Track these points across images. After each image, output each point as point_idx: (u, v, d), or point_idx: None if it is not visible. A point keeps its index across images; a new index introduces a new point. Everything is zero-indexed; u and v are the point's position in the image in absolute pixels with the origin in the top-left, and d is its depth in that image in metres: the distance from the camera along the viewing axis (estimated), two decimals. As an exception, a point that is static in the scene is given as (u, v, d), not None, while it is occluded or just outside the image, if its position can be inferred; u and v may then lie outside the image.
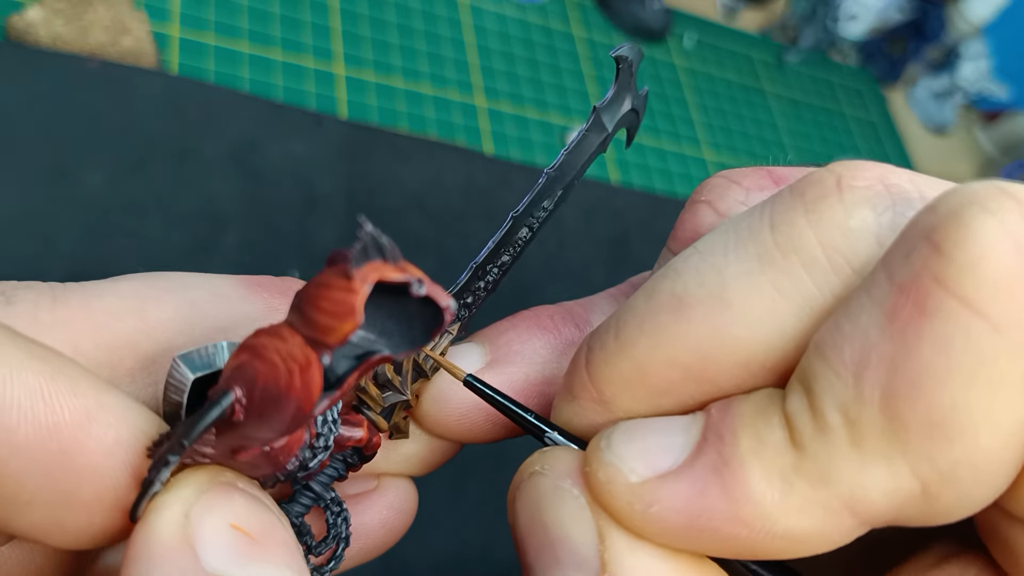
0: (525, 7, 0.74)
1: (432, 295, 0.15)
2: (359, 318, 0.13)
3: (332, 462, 0.22)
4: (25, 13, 0.50)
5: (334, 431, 0.20)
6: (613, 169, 0.69)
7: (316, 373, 0.14)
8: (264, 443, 0.16)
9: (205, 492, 0.16)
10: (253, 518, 0.16)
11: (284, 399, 0.14)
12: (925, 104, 0.96)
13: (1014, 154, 0.98)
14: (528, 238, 0.23)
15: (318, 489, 0.22)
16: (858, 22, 0.86)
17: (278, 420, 0.15)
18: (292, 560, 0.17)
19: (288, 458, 0.17)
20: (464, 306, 0.23)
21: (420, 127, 0.62)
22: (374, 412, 0.22)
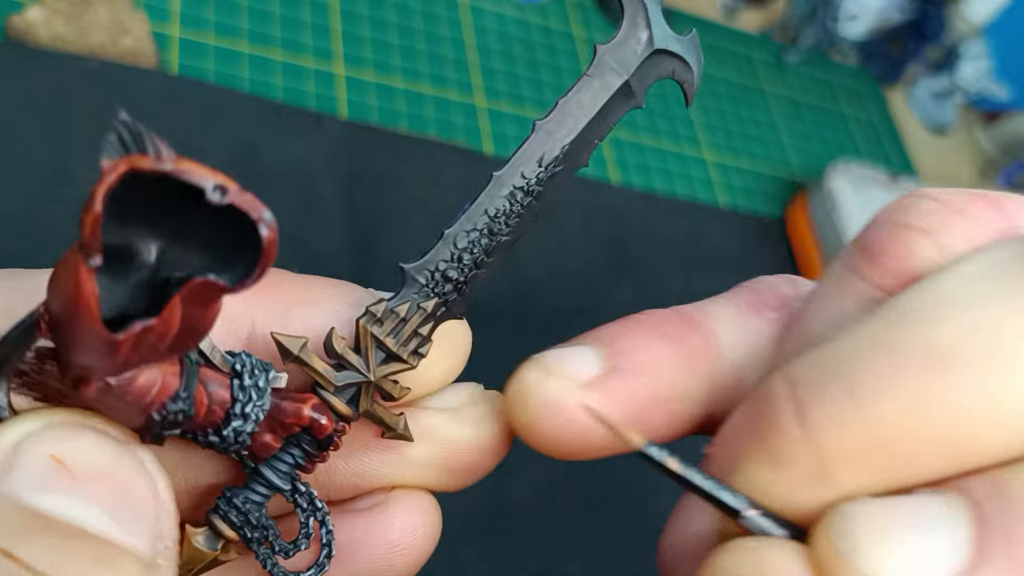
0: (525, 7, 0.74)
1: (237, 203, 0.14)
2: (97, 206, 0.13)
3: (287, 447, 0.20)
4: (25, 13, 0.50)
5: (256, 399, 0.18)
6: (613, 169, 0.69)
7: (85, 277, 0.13)
8: (90, 371, 0.15)
9: (52, 426, 0.16)
10: (88, 458, 0.16)
11: (69, 309, 0.14)
12: (925, 104, 0.96)
13: (1014, 154, 0.98)
14: (527, 205, 0.21)
15: (270, 476, 0.20)
16: (858, 22, 0.86)
17: (75, 336, 0.14)
18: (117, 509, 0.15)
19: (146, 401, 0.16)
20: (445, 279, 0.21)
21: (420, 127, 0.62)
22: (327, 392, 0.20)
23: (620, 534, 0.53)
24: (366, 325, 0.20)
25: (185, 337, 0.15)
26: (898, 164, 0.90)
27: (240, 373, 0.18)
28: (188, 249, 0.15)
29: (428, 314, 0.21)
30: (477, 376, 0.57)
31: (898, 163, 0.90)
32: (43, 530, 0.15)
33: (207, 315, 0.15)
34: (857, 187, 0.74)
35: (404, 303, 0.20)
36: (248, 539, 0.20)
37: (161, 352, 0.15)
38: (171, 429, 0.17)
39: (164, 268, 0.15)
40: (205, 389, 0.17)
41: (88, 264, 0.13)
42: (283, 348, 0.19)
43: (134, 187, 0.13)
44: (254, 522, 0.20)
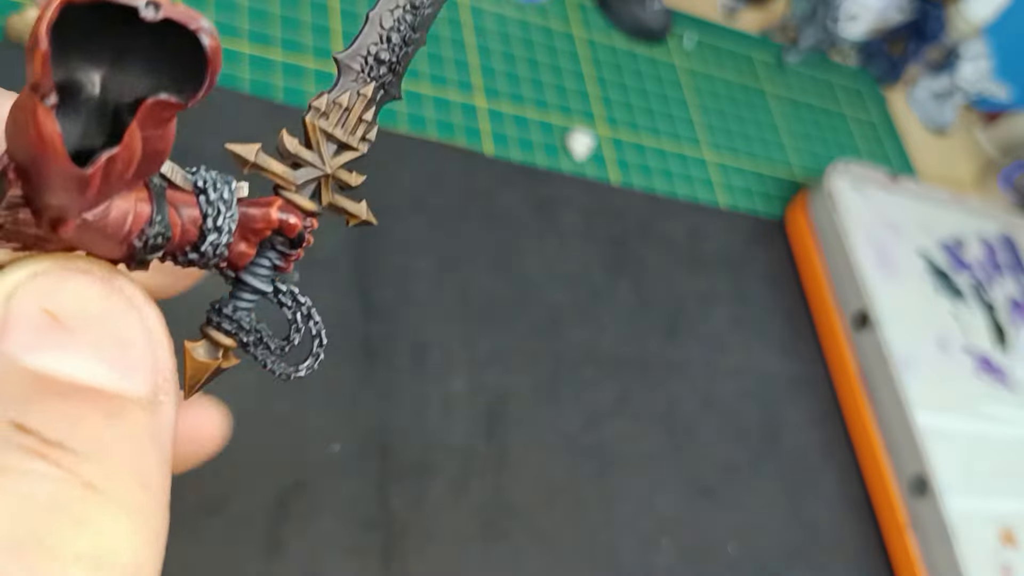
0: (525, 7, 0.74)
1: (173, 16, 0.14)
2: (43, 43, 0.13)
3: (262, 252, 0.21)
4: (25, 13, 0.50)
5: (225, 211, 0.19)
6: (613, 169, 0.69)
7: (44, 116, 0.13)
8: (65, 210, 0.15)
9: (39, 275, 0.16)
10: (80, 305, 0.16)
11: (34, 153, 0.14)
12: (925, 104, 0.96)
13: (1014, 154, 0.98)
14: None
15: (253, 282, 0.21)
16: (858, 22, 0.86)
17: (45, 178, 0.14)
18: (115, 356, 0.15)
19: (125, 231, 0.16)
20: (379, 62, 0.21)
21: (420, 127, 0.62)
22: (289, 192, 0.21)
23: (620, 534, 0.53)
24: (312, 120, 0.21)
25: (148, 161, 0.15)
26: (898, 164, 0.90)
27: (204, 189, 0.19)
28: (133, 75, 0.15)
29: (369, 99, 0.21)
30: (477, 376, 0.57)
31: (898, 163, 0.90)
32: (48, 394, 0.15)
33: (165, 136, 0.15)
34: (857, 187, 0.74)
35: (344, 92, 0.21)
36: (244, 343, 0.21)
37: (128, 179, 0.15)
38: (154, 253, 0.17)
39: (112, 98, 0.15)
40: (176, 210, 0.18)
41: (45, 104, 0.13)
42: (239, 157, 0.20)
43: (71, 22, 0.13)
44: (247, 327, 0.21)
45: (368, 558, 0.45)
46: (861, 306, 0.68)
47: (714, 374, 0.63)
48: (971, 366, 0.71)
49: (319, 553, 0.44)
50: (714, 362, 0.64)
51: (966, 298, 0.75)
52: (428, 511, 0.47)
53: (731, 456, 0.60)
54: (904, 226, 0.76)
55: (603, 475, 0.54)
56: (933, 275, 0.74)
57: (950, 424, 0.66)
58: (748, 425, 0.62)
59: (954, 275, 0.76)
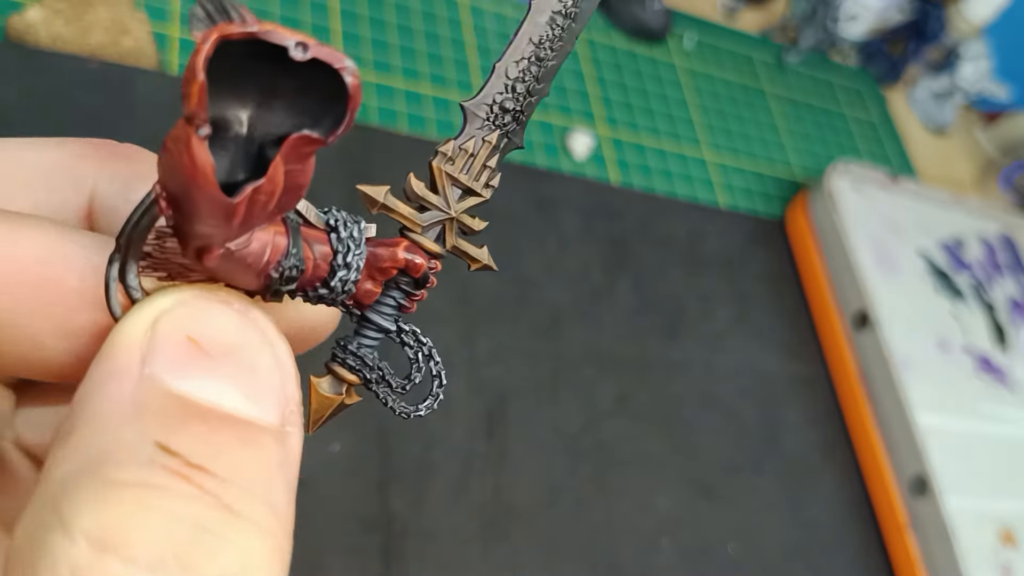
0: (525, 7, 0.74)
1: (320, 56, 0.15)
2: (200, 75, 0.13)
3: (387, 291, 0.21)
4: (25, 13, 0.50)
5: (354, 249, 0.19)
6: (613, 169, 0.69)
7: (198, 147, 0.14)
8: (210, 239, 0.16)
9: (184, 304, 0.16)
10: (220, 335, 0.16)
11: (186, 181, 0.14)
12: (925, 104, 0.96)
13: (1014, 154, 0.98)
14: (566, 27, 0.22)
15: (377, 319, 0.22)
16: (858, 22, 0.86)
17: (195, 206, 0.15)
18: (250, 386, 0.16)
19: (263, 262, 0.17)
20: (503, 111, 0.22)
21: (420, 127, 0.62)
22: (416, 233, 0.21)
23: (620, 534, 0.53)
24: (439, 165, 0.22)
25: (288, 195, 0.16)
26: (898, 164, 0.90)
27: (336, 227, 0.20)
28: (277, 113, 0.16)
29: (493, 146, 0.22)
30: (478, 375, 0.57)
31: (898, 163, 0.90)
32: (190, 418, 0.15)
33: (305, 171, 0.16)
34: (857, 187, 0.74)
35: (470, 139, 0.22)
36: (367, 380, 0.22)
37: (269, 212, 0.16)
38: (288, 285, 0.18)
39: (257, 135, 0.16)
40: (309, 246, 0.19)
41: (199, 134, 0.14)
42: (368, 197, 0.21)
43: (222, 60, 0.14)
44: (370, 364, 0.22)
45: (368, 558, 0.45)
46: (861, 306, 0.68)
47: (714, 374, 0.63)
48: (971, 366, 0.71)
49: (319, 553, 0.44)
50: (714, 362, 0.64)
51: (966, 298, 0.75)
52: (428, 511, 0.47)
53: (731, 456, 0.60)
54: (904, 226, 0.76)
55: (603, 475, 0.54)
56: (933, 275, 0.74)
57: (950, 424, 0.66)
58: (748, 425, 0.62)
59: (954, 275, 0.76)
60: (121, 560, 0.14)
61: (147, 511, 0.14)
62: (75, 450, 0.15)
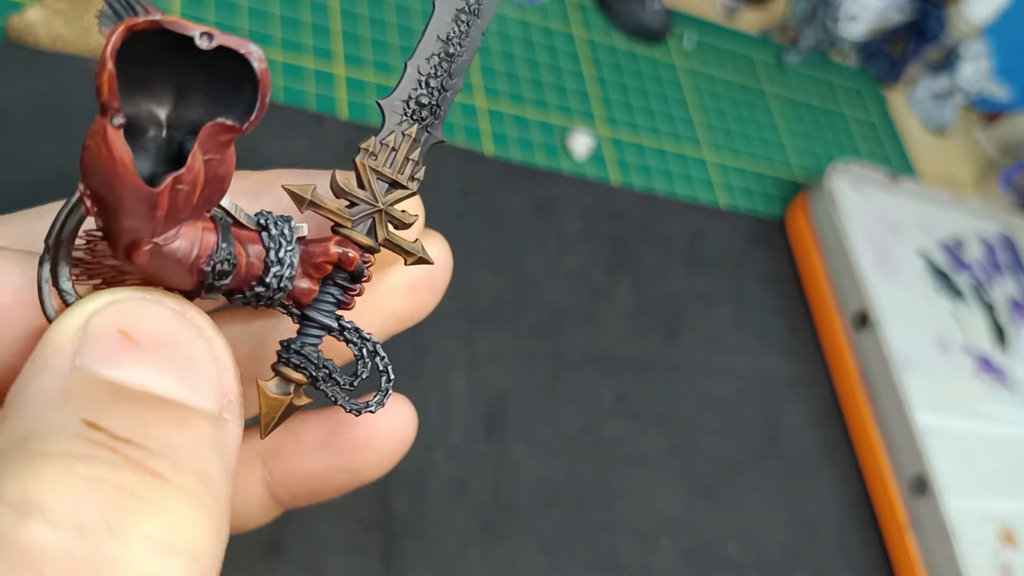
0: (525, 7, 0.74)
1: (225, 44, 0.15)
2: (109, 64, 0.14)
3: (325, 288, 0.22)
4: (25, 13, 0.50)
5: (286, 245, 0.20)
6: (613, 169, 0.69)
7: (113, 136, 0.14)
8: (137, 233, 0.16)
9: (116, 302, 0.17)
10: (153, 329, 0.17)
11: (106, 173, 0.15)
12: (925, 104, 0.96)
13: (1014, 155, 0.98)
14: (472, 24, 0.23)
15: (318, 317, 0.22)
16: (858, 23, 0.86)
17: (117, 199, 0.15)
18: (184, 373, 0.16)
19: (193, 256, 0.17)
20: (420, 106, 0.23)
21: (420, 127, 0.62)
22: (346, 228, 0.22)
23: (620, 534, 0.53)
24: (363, 160, 0.22)
25: (211, 186, 0.16)
26: (898, 164, 0.90)
27: (266, 225, 0.20)
28: (194, 108, 0.16)
29: (413, 139, 0.23)
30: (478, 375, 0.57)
31: (898, 163, 0.90)
32: (121, 400, 0.15)
33: (225, 161, 0.16)
34: (857, 187, 0.74)
35: (390, 134, 0.23)
36: (314, 378, 0.22)
37: (194, 204, 0.16)
38: (222, 280, 0.18)
39: (176, 133, 0.16)
40: (241, 245, 0.19)
41: (113, 123, 0.14)
42: (295, 196, 0.21)
43: (134, 61, 0.14)
44: (315, 362, 0.22)
45: (368, 558, 0.45)
46: (861, 306, 0.68)
47: (714, 374, 0.63)
48: (971, 366, 0.71)
49: (319, 553, 0.44)
50: (714, 362, 0.64)
51: (966, 298, 0.75)
52: (428, 511, 0.47)
53: (731, 456, 0.60)
54: (904, 226, 0.76)
55: (603, 475, 0.54)
56: (933, 275, 0.74)
57: (950, 424, 0.66)
58: (748, 425, 0.62)
59: (954, 275, 0.76)
60: (44, 522, 0.13)
61: (71, 477, 0.14)
62: (1, 434, 0.15)
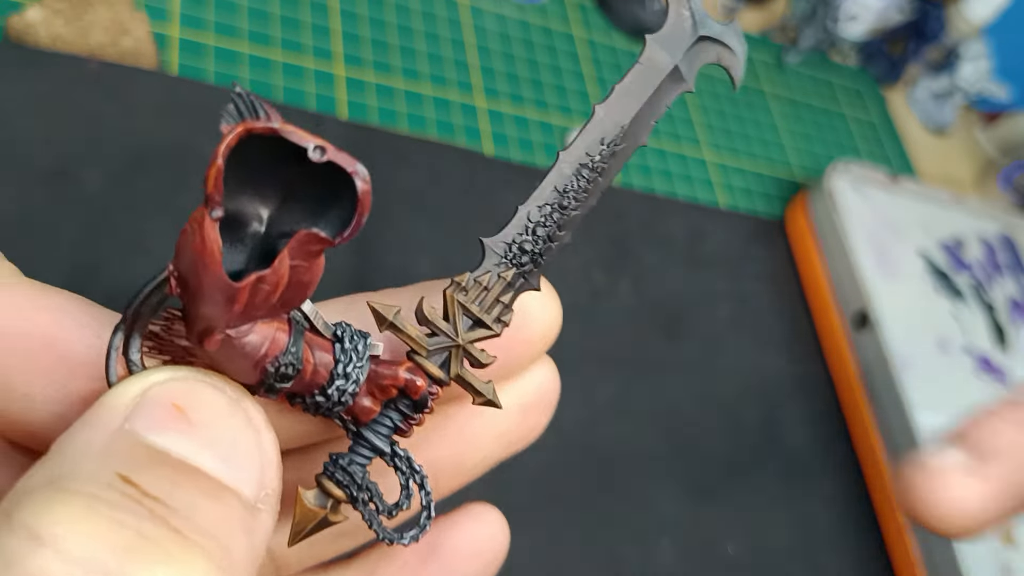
0: (525, 7, 0.74)
1: (335, 160, 0.15)
2: (220, 160, 0.14)
3: (385, 411, 0.21)
4: (25, 13, 0.50)
5: (356, 360, 0.20)
6: (613, 169, 0.69)
7: (209, 227, 0.15)
8: (213, 322, 0.16)
9: (177, 379, 0.17)
10: (205, 408, 0.17)
11: (195, 259, 0.15)
12: (925, 105, 0.96)
13: (1014, 155, 0.98)
14: (592, 180, 0.23)
15: (372, 439, 0.21)
16: (858, 23, 0.86)
17: (201, 285, 0.15)
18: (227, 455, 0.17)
19: (261, 354, 0.18)
20: (522, 251, 0.23)
21: (420, 128, 0.62)
22: (420, 356, 0.21)
23: (620, 532, 0.53)
24: (452, 294, 0.22)
25: (293, 291, 0.16)
26: (898, 164, 0.90)
27: (341, 337, 0.20)
28: (295, 214, 0.16)
29: (507, 283, 0.22)
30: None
31: (898, 163, 0.90)
32: (159, 464, 0.16)
33: (312, 269, 0.16)
34: (857, 187, 0.74)
35: (485, 273, 0.22)
36: (355, 499, 0.22)
37: (273, 305, 0.17)
38: (283, 382, 0.18)
39: (275, 234, 0.17)
40: (311, 351, 0.19)
41: (211, 215, 0.14)
42: (378, 315, 0.21)
43: (247, 157, 0.15)
44: (359, 483, 0.21)
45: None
46: (861, 306, 0.68)
47: (714, 374, 0.63)
48: (971, 366, 0.71)
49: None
50: (714, 362, 0.64)
51: (966, 298, 0.75)
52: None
53: (731, 456, 0.60)
54: (904, 226, 0.76)
55: (603, 475, 0.54)
56: (933, 275, 0.74)
57: (950, 424, 0.65)
58: (748, 425, 0.62)
59: (954, 275, 0.76)
60: (54, 552, 0.14)
61: (92, 514, 0.14)
62: (38, 471, 0.15)
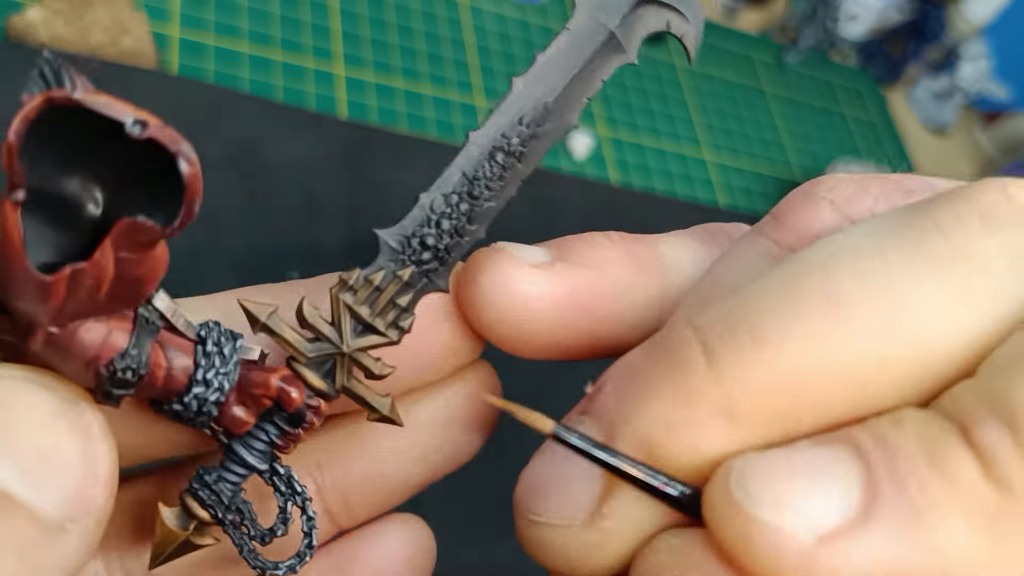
0: (525, 7, 0.74)
1: (157, 136, 0.13)
2: (12, 136, 0.12)
3: (262, 423, 0.19)
4: (25, 13, 0.50)
5: (219, 367, 0.17)
6: (613, 169, 0.69)
7: (9, 212, 0.13)
8: (33, 318, 0.15)
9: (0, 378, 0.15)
10: (19, 413, 0.15)
11: (1, 252, 0.13)
12: (925, 104, 0.96)
13: (1014, 154, 0.98)
14: (509, 166, 0.20)
15: (244, 454, 0.19)
16: (858, 22, 0.86)
17: (10, 279, 0.14)
18: (31, 467, 0.15)
19: (90, 355, 0.16)
20: (423, 247, 0.20)
21: (420, 127, 0.62)
22: (299, 363, 0.19)
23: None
24: (337, 293, 0.19)
25: (124, 287, 0.14)
26: (898, 164, 0.90)
27: (204, 339, 0.17)
28: (134, 195, 0.14)
29: (404, 283, 0.19)
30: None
31: (898, 163, 0.90)
32: None
33: (145, 263, 0.14)
34: (857, 187, 0.74)
35: (379, 271, 0.20)
36: (222, 521, 0.19)
37: (101, 301, 0.15)
38: (121, 388, 0.16)
39: (113, 217, 0.14)
40: (164, 352, 0.17)
41: (10, 199, 0.13)
42: (250, 315, 0.18)
43: (68, 131, 0.13)
44: (226, 502, 0.19)
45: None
46: (861, 306, 0.67)
47: (714, 374, 0.63)
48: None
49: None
50: (714, 362, 0.64)
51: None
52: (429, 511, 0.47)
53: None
54: (904, 226, 0.75)
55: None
56: (933, 275, 0.74)
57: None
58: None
59: (954, 275, 0.76)
60: None
61: None
62: None
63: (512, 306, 0.19)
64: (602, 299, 0.19)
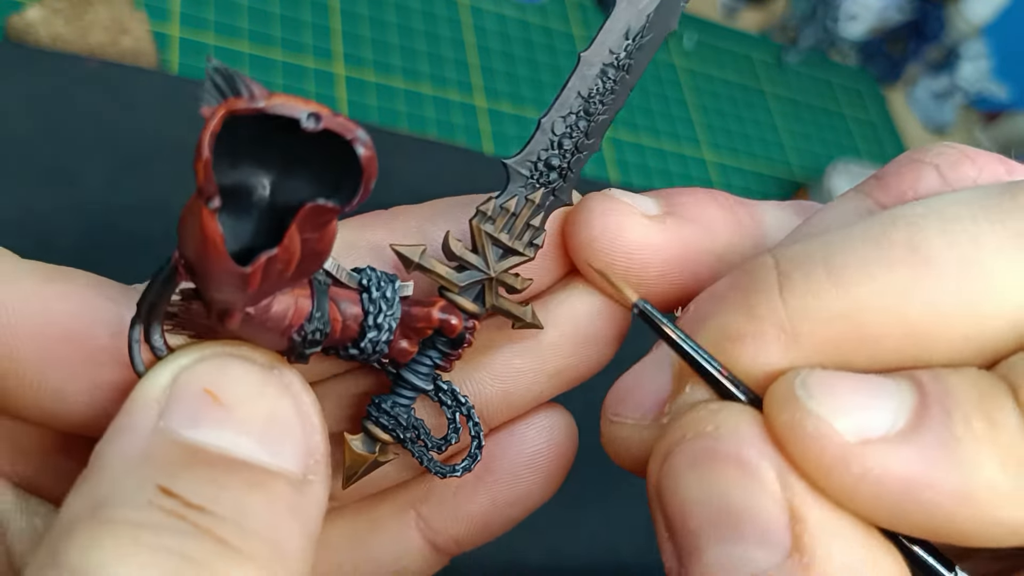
0: (525, 7, 0.74)
1: (332, 127, 0.14)
2: (205, 152, 0.13)
3: (424, 350, 0.21)
4: (25, 13, 0.50)
5: (386, 309, 0.19)
6: (613, 169, 0.69)
7: (208, 219, 0.14)
8: (230, 304, 0.16)
9: (204, 359, 0.17)
10: (237, 387, 0.17)
11: (199, 252, 0.15)
12: (925, 104, 0.96)
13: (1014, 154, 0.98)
14: (619, 80, 0.21)
15: (412, 379, 0.21)
16: (858, 22, 0.86)
17: (210, 275, 0.15)
18: (266, 434, 0.16)
19: (285, 325, 0.17)
20: (549, 168, 0.21)
21: (420, 127, 0.62)
22: (452, 292, 0.21)
23: (620, 534, 0.53)
24: (479, 224, 0.21)
25: (307, 262, 0.16)
26: (898, 164, 0.90)
27: (367, 287, 0.19)
28: (299, 180, 0.16)
29: (537, 205, 0.21)
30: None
31: (898, 163, 0.90)
32: (197, 463, 0.15)
33: (324, 238, 0.16)
34: (857, 187, 0.74)
35: (512, 197, 0.21)
36: (402, 439, 0.22)
37: (288, 278, 0.16)
38: (312, 347, 0.18)
39: (280, 201, 0.16)
40: (338, 307, 0.19)
41: (208, 207, 0.14)
42: (404, 257, 0.20)
43: (238, 128, 0.14)
44: (404, 423, 0.21)
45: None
46: (861, 306, 0.67)
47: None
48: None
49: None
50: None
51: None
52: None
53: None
54: (904, 226, 0.75)
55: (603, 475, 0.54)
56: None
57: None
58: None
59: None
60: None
61: (135, 546, 0.14)
62: (81, 495, 0.15)
63: (626, 253, 0.20)
64: (706, 257, 0.21)
